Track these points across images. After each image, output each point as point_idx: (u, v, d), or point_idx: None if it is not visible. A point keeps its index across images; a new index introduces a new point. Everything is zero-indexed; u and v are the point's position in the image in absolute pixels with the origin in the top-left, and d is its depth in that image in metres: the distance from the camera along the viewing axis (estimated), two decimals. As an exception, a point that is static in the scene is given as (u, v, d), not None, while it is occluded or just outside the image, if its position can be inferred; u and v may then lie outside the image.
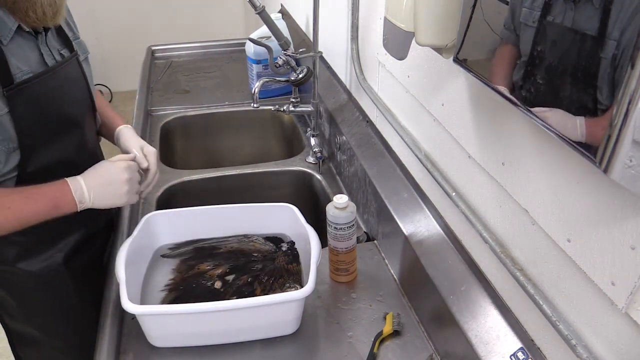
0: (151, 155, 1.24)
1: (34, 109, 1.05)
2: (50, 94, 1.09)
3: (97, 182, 1.08)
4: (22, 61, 1.03)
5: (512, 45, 0.62)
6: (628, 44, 0.45)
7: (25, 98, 1.03)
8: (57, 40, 1.14)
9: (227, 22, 4.37)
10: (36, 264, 1.18)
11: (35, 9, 1.01)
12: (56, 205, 1.05)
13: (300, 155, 1.73)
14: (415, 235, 1.10)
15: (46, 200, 1.04)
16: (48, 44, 1.10)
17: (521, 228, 0.78)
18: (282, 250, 1.20)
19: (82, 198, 1.06)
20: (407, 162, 1.19)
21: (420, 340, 1.05)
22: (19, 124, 1.02)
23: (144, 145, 1.26)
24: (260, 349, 1.04)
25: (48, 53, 1.09)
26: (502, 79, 0.65)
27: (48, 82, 1.08)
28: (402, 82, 1.15)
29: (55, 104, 1.10)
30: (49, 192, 1.05)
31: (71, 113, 1.16)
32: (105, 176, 1.10)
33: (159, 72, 2.36)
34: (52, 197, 1.05)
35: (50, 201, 1.04)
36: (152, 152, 1.25)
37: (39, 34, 1.07)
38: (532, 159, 0.73)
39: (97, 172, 1.10)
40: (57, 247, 1.21)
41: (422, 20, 0.77)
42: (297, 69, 1.61)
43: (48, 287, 1.22)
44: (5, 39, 0.99)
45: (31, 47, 1.06)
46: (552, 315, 0.71)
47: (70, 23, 1.23)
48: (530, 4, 0.57)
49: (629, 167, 0.47)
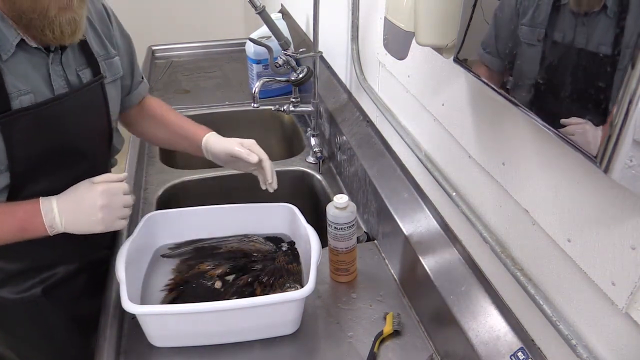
0: (254, 146, 1.18)
1: (33, 136, 0.95)
2: (58, 122, 0.99)
3: (70, 206, 0.97)
4: (22, 80, 0.92)
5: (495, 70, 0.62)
6: (628, 44, 0.44)
7: (25, 124, 0.93)
8: (77, 58, 1.02)
9: (227, 22, 4.37)
10: (15, 293, 1.10)
11: (53, 27, 0.90)
12: (23, 227, 0.95)
13: (301, 155, 1.73)
14: (416, 235, 1.10)
15: (13, 221, 0.95)
16: (63, 62, 0.99)
17: (521, 228, 0.78)
18: (282, 250, 1.20)
19: (53, 222, 0.96)
20: (408, 162, 1.19)
21: (421, 340, 1.05)
22: (11, 150, 0.93)
23: (242, 140, 1.19)
24: (260, 349, 1.04)
25: (59, 73, 0.98)
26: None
27: (56, 109, 0.97)
28: (402, 82, 1.14)
29: (62, 133, 1.00)
30: (18, 211, 0.95)
31: (80, 144, 1.05)
32: (79, 200, 0.98)
33: (159, 72, 2.36)
34: (20, 217, 0.95)
35: (17, 222, 0.95)
36: (252, 143, 1.19)
37: (51, 52, 0.96)
38: (533, 159, 0.73)
39: (72, 194, 0.99)
40: (40, 277, 1.13)
41: (423, 20, 0.77)
42: (297, 69, 1.61)
43: (28, 316, 1.15)
44: (5, 53, 0.89)
45: (37, 65, 0.95)
46: (552, 315, 0.71)
47: (105, 39, 1.10)
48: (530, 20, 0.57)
49: (629, 167, 0.47)
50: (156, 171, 1.64)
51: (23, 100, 0.93)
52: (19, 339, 1.19)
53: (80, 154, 1.06)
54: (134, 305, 0.95)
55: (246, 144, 1.18)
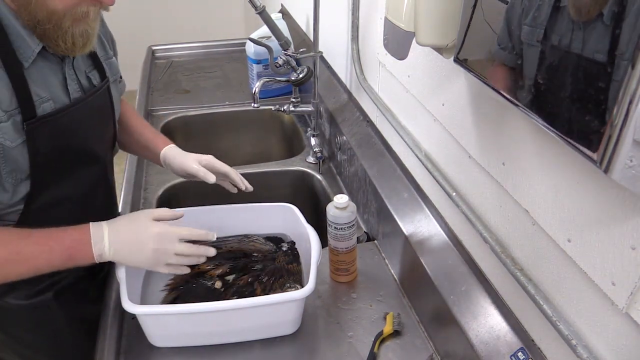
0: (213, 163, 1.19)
1: (54, 142, 0.95)
2: (75, 126, 0.99)
3: (122, 239, 0.96)
4: (42, 87, 0.93)
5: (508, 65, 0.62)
6: (629, 44, 0.44)
7: (47, 131, 0.93)
8: (85, 60, 1.04)
9: (227, 22, 4.37)
10: (23, 298, 1.08)
11: (66, 38, 0.90)
12: (71, 255, 0.93)
13: (301, 155, 1.73)
14: (416, 235, 1.10)
15: (61, 249, 0.92)
16: (75, 66, 1.00)
17: (521, 228, 0.78)
18: (282, 250, 1.20)
19: (102, 252, 0.94)
20: (408, 162, 1.19)
21: (421, 340, 1.05)
22: (35, 157, 0.92)
23: (199, 158, 1.20)
24: (260, 349, 1.04)
25: (73, 77, 0.99)
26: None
27: (74, 114, 0.98)
28: (402, 82, 1.14)
29: (78, 137, 1.00)
30: (65, 239, 0.93)
31: (94, 147, 1.06)
32: (132, 234, 0.97)
33: (159, 72, 2.36)
34: (68, 245, 0.93)
35: (66, 250, 0.92)
36: (210, 159, 1.19)
37: (65, 57, 0.97)
38: (533, 159, 0.73)
39: (127, 225, 0.97)
40: (49, 281, 1.10)
41: (423, 20, 0.77)
42: (298, 69, 1.61)
43: (37, 320, 1.13)
44: (27, 61, 0.90)
45: (54, 70, 0.96)
46: (552, 315, 0.71)
47: (104, 40, 1.12)
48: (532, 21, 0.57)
49: (629, 167, 0.47)
50: (156, 171, 1.64)
51: (45, 107, 0.93)
52: (24, 343, 1.17)
53: (94, 158, 1.07)
54: (134, 305, 0.95)
55: (204, 160, 1.18)
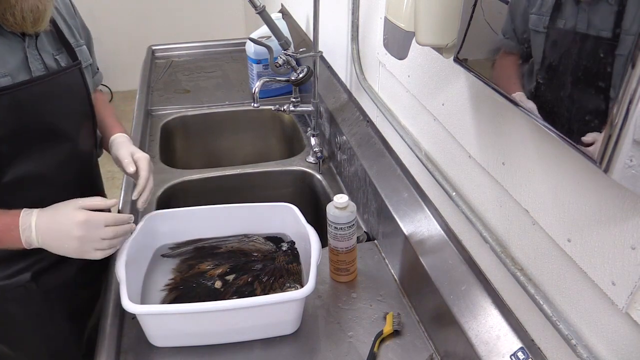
0: (142, 161, 1.16)
1: (13, 116, 0.98)
2: (37, 102, 1.01)
3: (47, 227, 0.98)
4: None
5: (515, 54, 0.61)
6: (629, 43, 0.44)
7: (5, 105, 0.96)
8: (52, 44, 1.07)
9: (227, 22, 4.37)
10: (3, 278, 1.11)
11: (14, 12, 0.93)
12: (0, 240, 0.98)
13: (301, 155, 1.73)
14: (416, 235, 1.10)
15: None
16: (39, 47, 1.02)
17: (521, 228, 0.78)
18: (282, 250, 1.20)
19: (30, 239, 0.98)
20: (408, 162, 1.19)
21: (421, 340, 1.05)
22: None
23: (135, 151, 1.18)
24: (260, 349, 1.04)
25: (36, 57, 1.02)
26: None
27: (34, 90, 1.00)
28: (402, 82, 1.14)
29: (43, 113, 1.03)
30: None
31: (63, 125, 1.08)
32: (57, 223, 0.98)
33: (159, 72, 2.36)
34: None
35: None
36: (142, 158, 1.16)
37: (26, 36, 1.00)
38: (533, 158, 0.73)
39: (53, 215, 0.99)
40: (27, 262, 1.13)
41: (423, 20, 0.77)
42: (298, 69, 1.61)
43: (16, 302, 1.15)
44: None
45: (14, 48, 0.98)
46: (552, 315, 0.71)
47: (73, 28, 1.16)
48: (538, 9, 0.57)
49: (629, 166, 0.47)
50: (156, 171, 1.64)
51: (2, 82, 0.95)
52: (7, 326, 1.19)
53: (63, 136, 1.09)
54: (134, 304, 0.95)
55: (136, 156, 1.16)
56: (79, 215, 0.98)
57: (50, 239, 0.98)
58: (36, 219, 0.98)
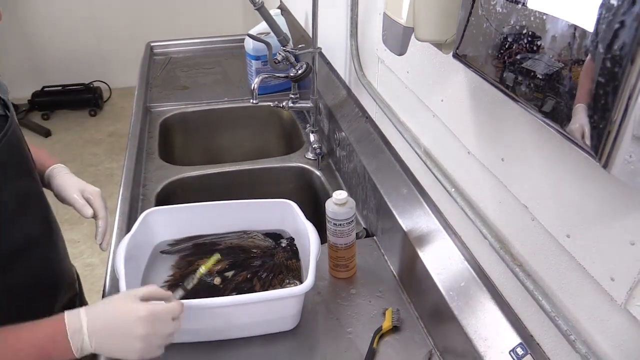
0: (95, 199, 1.04)
1: None
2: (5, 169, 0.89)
3: (103, 327, 0.81)
4: None
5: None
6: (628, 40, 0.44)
7: None
8: None
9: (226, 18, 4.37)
10: None
11: None
12: (45, 356, 0.80)
13: (300, 152, 1.73)
14: (415, 231, 1.10)
15: (32, 349, 0.79)
16: None
17: (520, 224, 0.78)
18: (281, 247, 1.20)
19: (82, 345, 0.80)
20: (407, 158, 1.19)
21: (420, 336, 1.05)
22: None
23: (85, 187, 1.06)
24: (259, 345, 1.04)
25: None
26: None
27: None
28: (401, 78, 1.14)
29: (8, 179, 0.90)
30: (37, 337, 0.80)
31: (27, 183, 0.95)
32: (115, 321, 0.82)
33: (158, 68, 2.36)
34: (40, 345, 0.79)
35: (39, 350, 0.79)
36: (94, 195, 1.05)
37: None
38: (532, 154, 0.73)
39: (108, 311, 0.83)
40: None
41: (422, 16, 0.76)
42: (297, 65, 1.61)
43: None
44: None
45: None
46: (551, 311, 0.71)
47: None
48: None
49: (628, 162, 0.47)
50: (155, 167, 1.64)
51: None
52: None
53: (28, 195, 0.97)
54: (133, 301, 0.94)
55: (87, 192, 1.05)
56: (142, 309, 0.82)
57: (107, 342, 0.81)
58: (87, 320, 0.81)
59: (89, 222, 0.99)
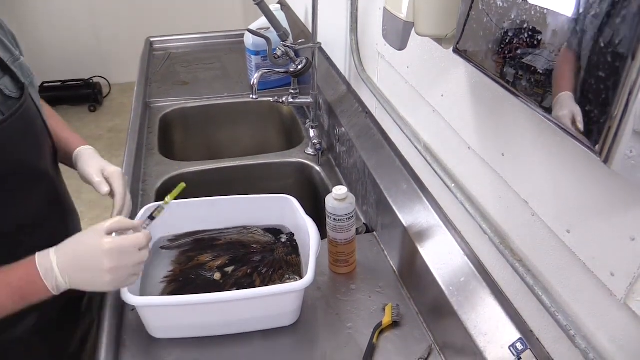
0: (115, 177, 1.05)
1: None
2: (3, 147, 0.89)
3: (72, 263, 0.84)
4: None
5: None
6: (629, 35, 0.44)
7: None
8: None
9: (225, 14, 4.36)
10: None
11: None
12: (23, 296, 0.83)
13: (300, 147, 1.73)
14: (415, 226, 1.10)
15: (10, 291, 0.82)
16: None
17: (521, 219, 0.78)
18: (281, 242, 1.20)
19: (55, 283, 0.83)
20: (407, 154, 1.19)
21: (420, 331, 1.05)
22: None
23: (106, 166, 1.07)
24: (259, 340, 1.04)
25: None
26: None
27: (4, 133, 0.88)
28: (401, 73, 1.14)
29: (9, 159, 0.90)
30: (12, 278, 0.83)
31: (33, 164, 0.96)
32: (83, 257, 0.85)
33: (157, 64, 2.35)
34: (17, 285, 0.83)
35: (16, 291, 0.83)
36: (115, 173, 1.05)
37: None
38: (532, 149, 0.72)
39: (75, 248, 0.86)
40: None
41: (422, 10, 0.76)
42: (296, 60, 1.61)
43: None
44: None
45: None
46: (551, 306, 0.71)
47: (4, 40, 0.98)
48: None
49: (629, 157, 0.47)
50: (155, 163, 1.64)
51: None
52: None
53: (37, 176, 0.98)
54: (133, 296, 0.95)
55: (108, 171, 1.06)
56: (106, 243, 0.84)
57: (79, 277, 0.85)
58: (56, 259, 0.84)
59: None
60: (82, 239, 0.87)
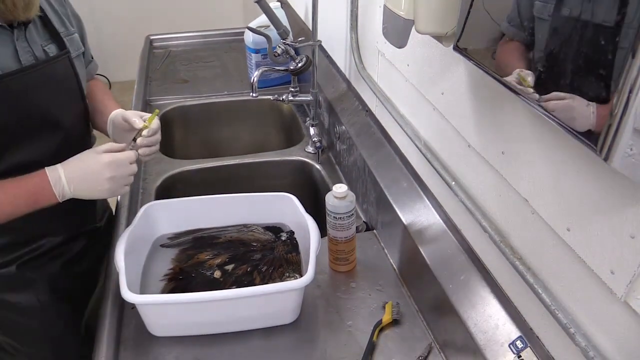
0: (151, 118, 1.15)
1: (6, 106, 1.00)
2: (28, 92, 1.03)
3: (77, 175, 1.03)
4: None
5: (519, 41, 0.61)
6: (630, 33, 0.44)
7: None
8: (41, 34, 1.08)
9: (225, 11, 4.35)
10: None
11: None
12: (35, 200, 1.02)
13: (300, 145, 1.73)
14: (415, 224, 1.10)
15: (26, 195, 1.01)
16: (28, 38, 1.04)
17: (521, 217, 0.78)
18: (281, 240, 1.20)
19: (62, 191, 1.02)
20: (407, 152, 1.19)
21: (420, 330, 1.05)
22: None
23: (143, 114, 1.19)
24: (259, 338, 1.04)
25: (26, 49, 1.03)
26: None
27: (25, 80, 1.02)
28: (401, 71, 1.14)
29: (31, 105, 1.04)
30: (28, 185, 1.02)
31: (54, 113, 1.10)
32: (86, 170, 1.03)
33: (157, 62, 2.35)
34: (31, 191, 1.01)
35: (30, 196, 1.01)
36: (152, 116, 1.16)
37: (15, 28, 1.01)
38: (532, 147, 0.72)
39: (79, 164, 1.04)
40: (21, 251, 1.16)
41: (422, 8, 0.76)
42: (296, 58, 1.61)
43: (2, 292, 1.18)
44: None
45: (3, 41, 1.00)
46: (551, 304, 0.71)
47: (63, 17, 1.16)
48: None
49: (629, 155, 0.47)
50: (155, 161, 1.64)
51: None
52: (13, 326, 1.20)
53: (55, 125, 1.11)
54: (133, 294, 0.95)
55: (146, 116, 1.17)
56: (104, 157, 1.03)
57: (82, 186, 1.03)
58: (63, 170, 1.02)
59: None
60: (84, 157, 1.04)
